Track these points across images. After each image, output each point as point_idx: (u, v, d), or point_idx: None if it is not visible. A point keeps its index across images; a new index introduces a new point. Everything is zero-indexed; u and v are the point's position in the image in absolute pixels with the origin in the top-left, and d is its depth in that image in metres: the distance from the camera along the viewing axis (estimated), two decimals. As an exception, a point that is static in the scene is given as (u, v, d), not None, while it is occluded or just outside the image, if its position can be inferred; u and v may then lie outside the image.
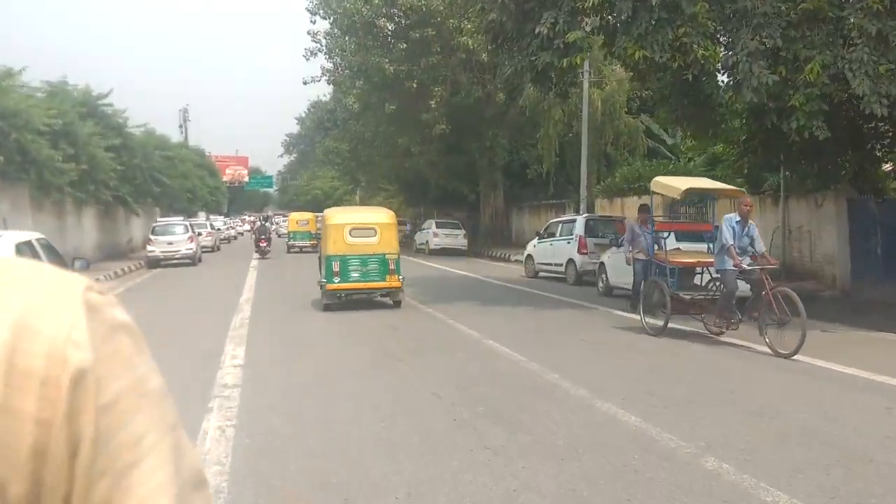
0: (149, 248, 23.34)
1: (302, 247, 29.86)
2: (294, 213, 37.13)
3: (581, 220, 17.28)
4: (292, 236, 31.71)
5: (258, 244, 26.22)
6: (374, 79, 27.04)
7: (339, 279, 11.57)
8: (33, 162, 16.81)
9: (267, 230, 28.09)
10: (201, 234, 27.48)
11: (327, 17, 27.69)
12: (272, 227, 40.78)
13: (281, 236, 40.65)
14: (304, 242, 30.28)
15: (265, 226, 29.15)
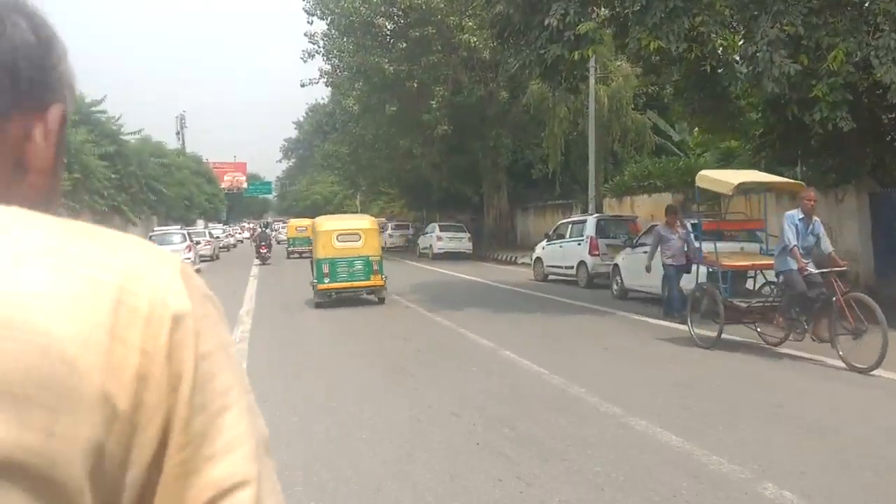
0: None
1: (301, 252, 29.79)
2: (293, 219, 37.12)
3: (592, 220, 16.70)
4: (292, 242, 32.11)
5: (259, 250, 26.46)
6: (373, 79, 26.51)
7: (329, 279, 12.85)
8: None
9: (268, 237, 28.46)
10: (199, 242, 27.10)
11: (324, 18, 27.11)
12: (272, 234, 40.66)
13: (280, 242, 40.58)
14: (303, 248, 30.18)
15: (266, 232, 29.58)
